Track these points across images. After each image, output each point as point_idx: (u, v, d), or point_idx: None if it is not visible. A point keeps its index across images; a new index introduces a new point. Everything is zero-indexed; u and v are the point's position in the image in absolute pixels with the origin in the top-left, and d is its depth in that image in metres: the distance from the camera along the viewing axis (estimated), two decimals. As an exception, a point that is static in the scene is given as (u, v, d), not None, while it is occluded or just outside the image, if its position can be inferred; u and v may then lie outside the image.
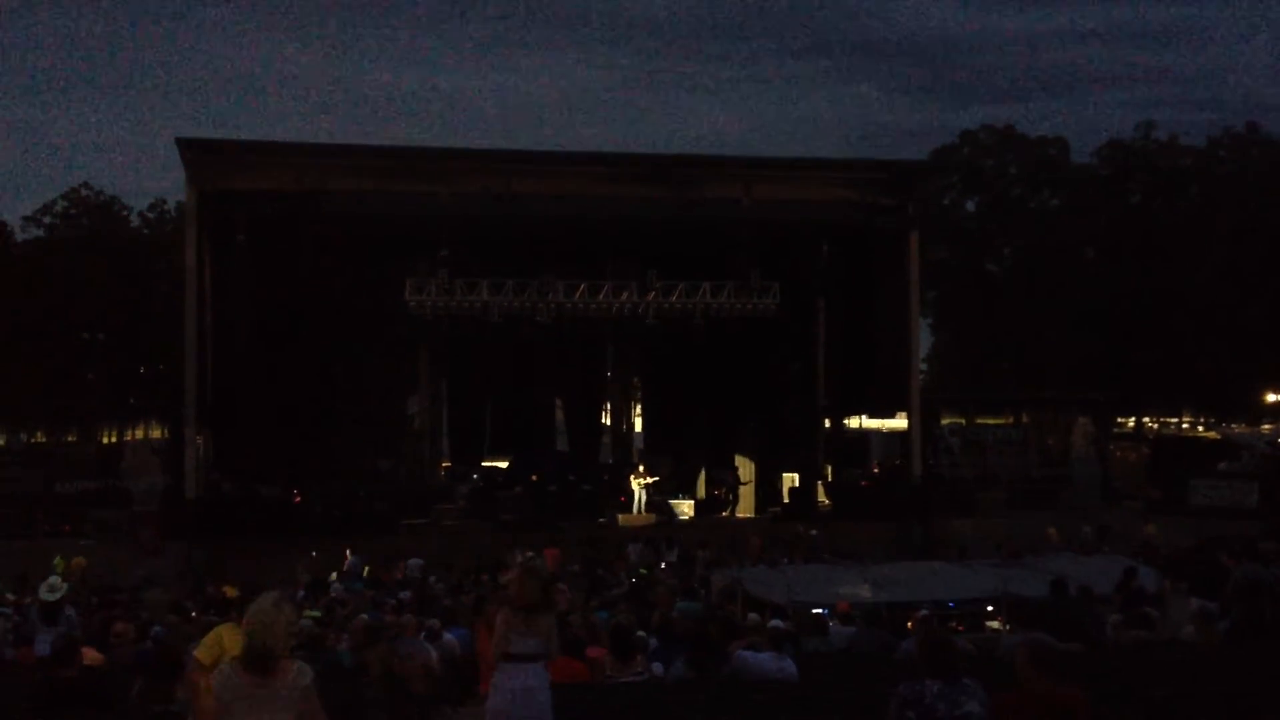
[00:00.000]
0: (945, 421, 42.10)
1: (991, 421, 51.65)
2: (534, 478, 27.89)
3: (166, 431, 32.28)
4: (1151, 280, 39.75)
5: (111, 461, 33.24)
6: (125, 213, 48.14)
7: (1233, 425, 49.69)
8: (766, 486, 29.00)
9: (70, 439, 49.58)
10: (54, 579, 12.81)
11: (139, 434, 51.08)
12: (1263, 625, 10.97)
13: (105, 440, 50.98)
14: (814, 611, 12.46)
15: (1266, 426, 50.51)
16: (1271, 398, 46.00)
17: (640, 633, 10.41)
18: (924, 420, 29.40)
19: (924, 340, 37.51)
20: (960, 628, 12.39)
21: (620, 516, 26.91)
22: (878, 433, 34.39)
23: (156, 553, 23.65)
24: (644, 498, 27.75)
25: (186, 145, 25.68)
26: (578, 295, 27.19)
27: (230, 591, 15.95)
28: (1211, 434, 47.89)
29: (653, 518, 26.77)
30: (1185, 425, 53.47)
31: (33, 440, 50.32)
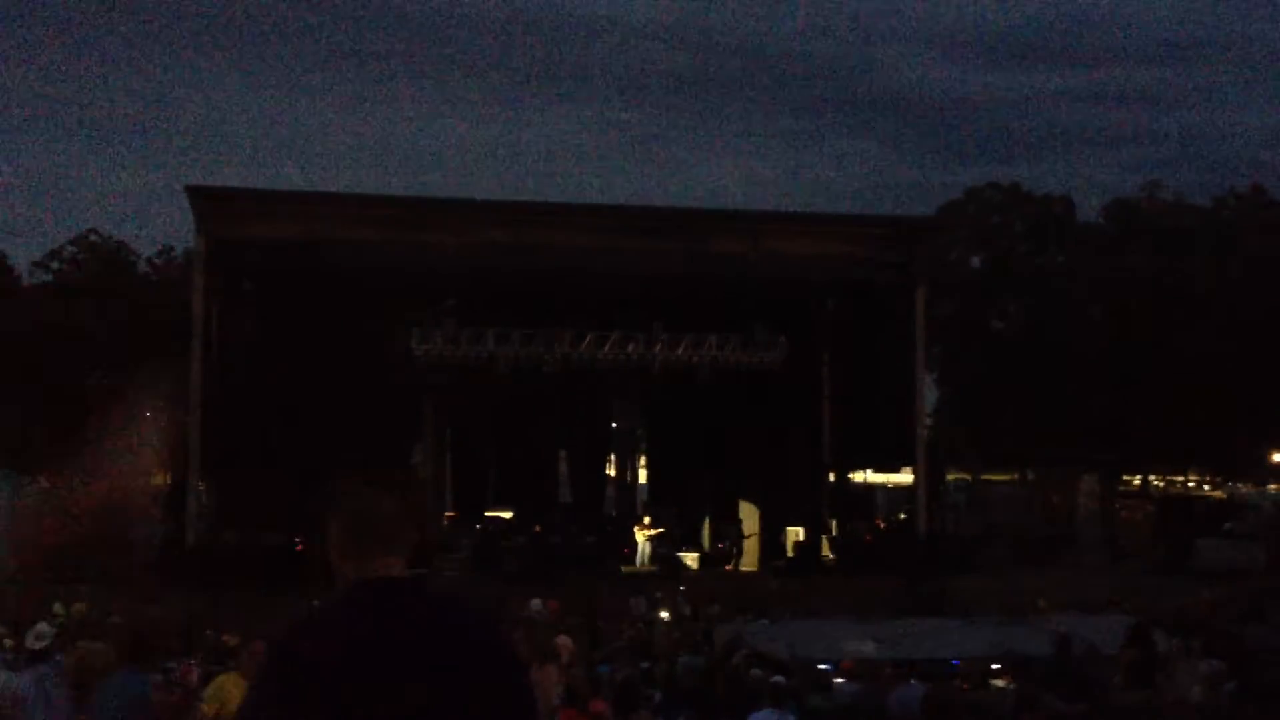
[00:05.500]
0: (950, 477, 41.99)
1: (996, 478, 51.54)
2: (537, 529, 27.81)
3: (168, 478, 32.22)
4: (1157, 339, 39.77)
5: (114, 509, 33.13)
6: (133, 259, 48.31)
7: (1239, 485, 49.58)
8: (771, 539, 28.91)
9: (72, 485, 49.47)
10: (42, 626, 12.56)
11: (142, 481, 51.01)
12: (1270, 689, 10.90)
13: (108, 487, 50.89)
14: (818, 667, 12.39)
15: (1273, 486, 50.37)
16: (1278, 458, 45.89)
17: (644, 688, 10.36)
18: (929, 476, 29.34)
19: (929, 395, 37.47)
20: (965, 687, 12.30)
21: (624, 568, 26.78)
22: (882, 488, 34.31)
23: (154, 601, 23.55)
24: (648, 550, 27.66)
25: (196, 193, 25.86)
26: (584, 346, 27.24)
27: (230, 640, 15.87)
28: (1217, 494, 47.76)
29: (656, 570, 26.67)
30: (1191, 484, 53.34)
31: (36, 485, 50.25)
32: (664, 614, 20.38)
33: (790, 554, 28.47)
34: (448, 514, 30.64)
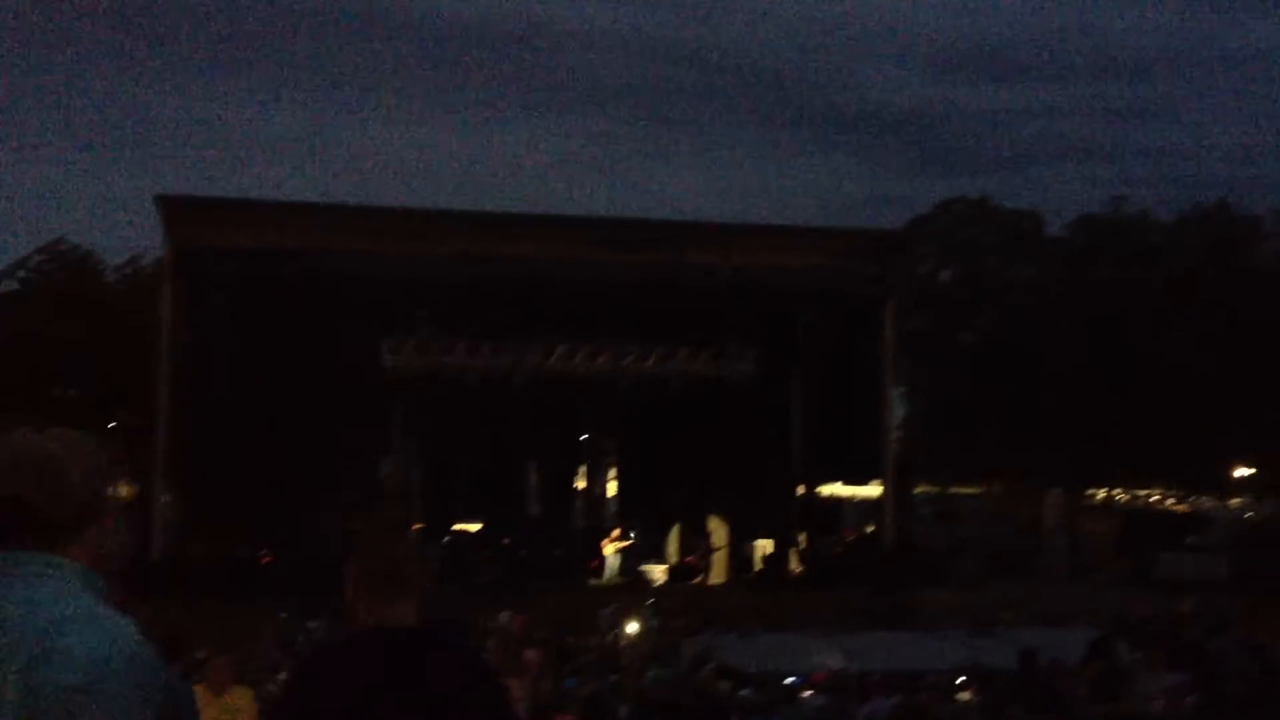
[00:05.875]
0: (918, 490, 42.19)
1: (964, 491, 51.81)
2: (506, 541, 27.77)
3: (134, 489, 32.05)
4: (1123, 353, 40.08)
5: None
6: (101, 268, 47.99)
7: (1202, 499, 49.99)
8: (739, 552, 28.96)
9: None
10: None
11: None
12: (1232, 701, 11.02)
13: (74, 496, 50.43)
14: (786, 680, 12.43)
15: (1235, 501, 50.84)
16: (1240, 472, 46.29)
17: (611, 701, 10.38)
18: (897, 489, 29.48)
19: (899, 408, 37.66)
20: (932, 699, 12.37)
21: (592, 581, 26.77)
22: (851, 501, 34.45)
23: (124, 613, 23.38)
24: (617, 563, 27.66)
25: (165, 201, 25.76)
26: (554, 358, 27.25)
27: (199, 653, 15.78)
28: (1181, 507, 48.16)
29: (625, 582, 26.68)
30: (1155, 498, 53.72)
31: None
32: (632, 627, 20.40)
33: (759, 567, 28.53)
34: (416, 525, 30.54)
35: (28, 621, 2.14)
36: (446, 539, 28.67)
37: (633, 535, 28.34)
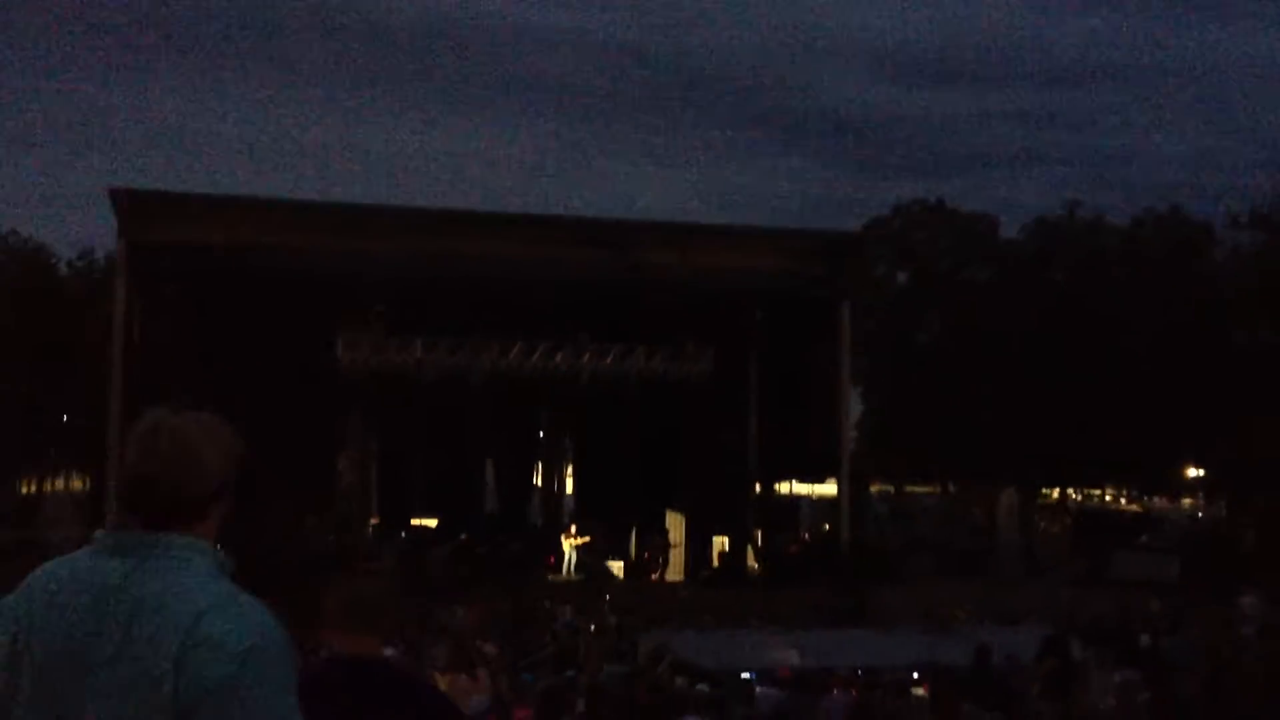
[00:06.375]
0: (874, 489, 42.41)
1: (919, 490, 52.12)
2: (463, 537, 27.69)
3: (88, 483, 31.74)
4: (1076, 355, 40.47)
5: (30, 512, 32.56)
6: (54, 261, 47.52)
7: (1155, 499, 50.56)
8: (697, 550, 29.01)
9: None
10: None
11: (59, 485, 50.15)
12: (1182, 699, 11.13)
13: (25, 491, 49.99)
14: (741, 676, 12.47)
15: (1187, 501, 51.41)
16: (1192, 472, 46.86)
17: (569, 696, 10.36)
18: (853, 488, 29.62)
19: (854, 408, 37.84)
20: (886, 696, 12.44)
21: (550, 577, 26.73)
22: (808, 499, 34.61)
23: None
24: (574, 559, 27.65)
25: (118, 195, 25.47)
26: (511, 356, 27.20)
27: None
28: (1134, 507, 48.67)
29: (583, 579, 26.67)
30: (1108, 498, 54.28)
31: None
32: (590, 624, 20.38)
33: (716, 564, 28.59)
34: (372, 521, 30.43)
35: (175, 608, 2.20)
36: (403, 534, 28.56)
37: (591, 532, 28.33)
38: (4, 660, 2.27)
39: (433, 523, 29.13)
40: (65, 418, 44.29)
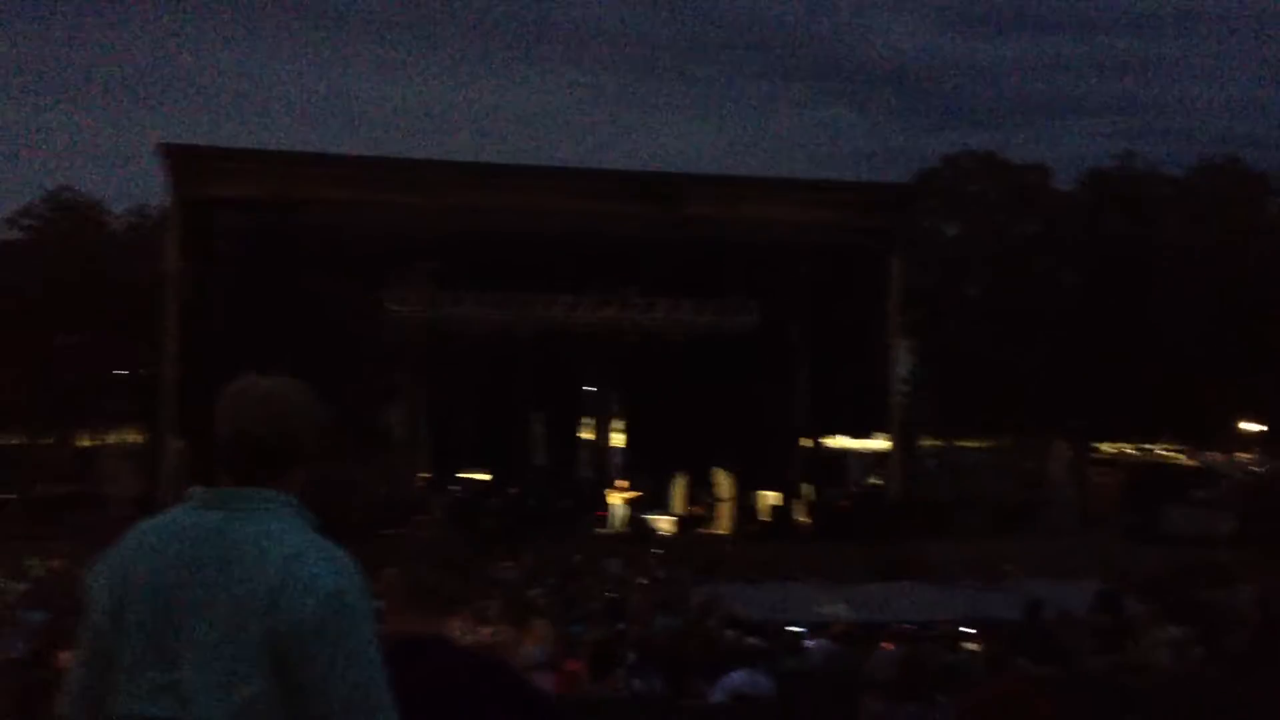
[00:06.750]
0: (924, 444, 42.18)
1: (970, 445, 51.83)
2: (512, 491, 27.85)
3: (144, 437, 32.13)
4: (1130, 307, 39.97)
5: (88, 465, 33.01)
6: (106, 217, 47.88)
7: (1209, 453, 50.00)
8: (744, 504, 29.03)
9: (47, 442, 49.25)
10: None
11: (116, 439, 50.77)
12: (1236, 654, 11.04)
13: (82, 445, 50.66)
14: (791, 630, 12.47)
15: (1242, 455, 50.85)
16: (1248, 426, 46.26)
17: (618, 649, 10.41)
18: (903, 442, 29.48)
19: (903, 362, 37.59)
20: (937, 649, 12.40)
21: (599, 531, 26.86)
22: (856, 453, 34.46)
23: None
24: (622, 513, 27.75)
25: (169, 151, 25.63)
26: (558, 310, 27.20)
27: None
28: (1188, 461, 48.19)
29: (631, 533, 26.78)
30: (1162, 452, 53.73)
31: (9, 443, 49.98)
32: (639, 577, 20.47)
33: (764, 519, 28.59)
34: (422, 475, 30.65)
35: (265, 554, 2.36)
36: (453, 488, 28.77)
37: (639, 486, 28.40)
38: (107, 610, 2.42)
39: (482, 476, 29.31)
40: (120, 373, 44.79)
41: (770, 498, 28.90)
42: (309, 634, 2.28)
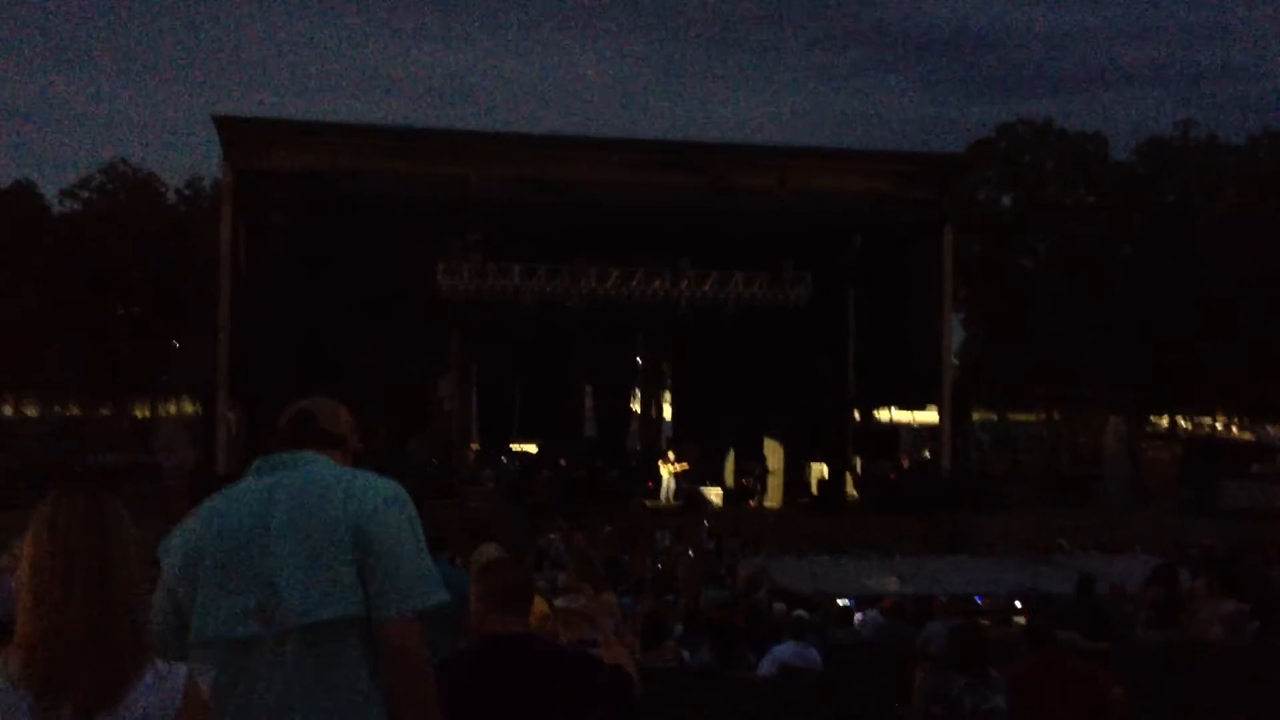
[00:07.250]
0: (976, 417, 41.90)
1: (1023, 418, 51.39)
2: (562, 462, 27.93)
3: (199, 407, 32.49)
4: (1187, 279, 39.44)
5: (144, 436, 33.44)
6: (162, 189, 48.36)
7: (1266, 427, 49.31)
8: (795, 476, 28.96)
9: (104, 413, 49.98)
10: None
11: (172, 409, 51.43)
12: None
13: (138, 415, 51.38)
14: (840, 603, 12.44)
15: (1301, 429, 50.02)
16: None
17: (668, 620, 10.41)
18: (955, 415, 29.28)
19: (956, 335, 37.35)
20: (987, 623, 12.34)
21: (648, 503, 26.90)
22: (908, 426, 34.30)
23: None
24: (673, 485, 27.78)
25: (223, 122, 25.79)
26: (609, 282, 27.18)
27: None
28: (1245, 435, 47.56)
29: (681, 504, 26.81)
30: (1219, 426, 53.09)
31: (66, 413, 50.76)
32: (688, 548, 20.49)
33: (814, 491, 28.52)
34: (473, 446, 30.82)
35: (327, 480, 3.02)
36: (504, 459, 28.90)
37: (689, 458, 28.40)
38: (181, 574, 2.95)
39: (532, 448, 29.41)
40: (177, 343, 45.28)
41: (820, 470, 28.81)
42: (379, 518, 2.94)
